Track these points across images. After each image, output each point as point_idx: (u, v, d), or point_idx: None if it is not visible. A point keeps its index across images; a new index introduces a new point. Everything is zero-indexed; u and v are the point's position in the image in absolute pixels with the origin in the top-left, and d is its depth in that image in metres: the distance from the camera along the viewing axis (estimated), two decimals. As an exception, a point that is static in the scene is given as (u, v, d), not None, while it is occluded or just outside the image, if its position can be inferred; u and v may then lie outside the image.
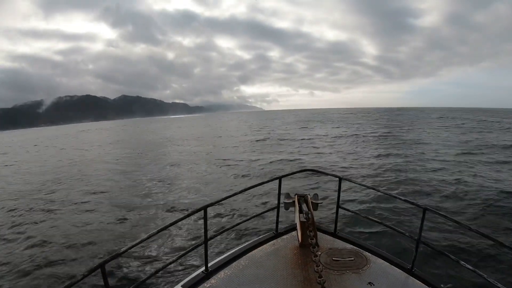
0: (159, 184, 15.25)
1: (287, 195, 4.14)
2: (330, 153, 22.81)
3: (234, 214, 9.70)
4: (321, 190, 11.70)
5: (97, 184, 16.26)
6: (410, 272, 3.28)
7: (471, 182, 12.65)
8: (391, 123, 55.74)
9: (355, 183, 4.38)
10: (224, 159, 21.70)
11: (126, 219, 10.33)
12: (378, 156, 20.17)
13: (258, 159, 20.95)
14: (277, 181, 4.07)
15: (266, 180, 4.02)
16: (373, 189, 4.04)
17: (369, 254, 3.56)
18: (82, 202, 12.84)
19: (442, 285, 3.02)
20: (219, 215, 9.55)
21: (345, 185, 10.18)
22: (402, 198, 3.82)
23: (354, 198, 10.82)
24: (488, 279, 2.80)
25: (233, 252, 3.65)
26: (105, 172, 19.78)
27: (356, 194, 11.08)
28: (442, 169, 15.30)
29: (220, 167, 18.95)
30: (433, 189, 11.89)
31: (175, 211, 10.67)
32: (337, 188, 4.06)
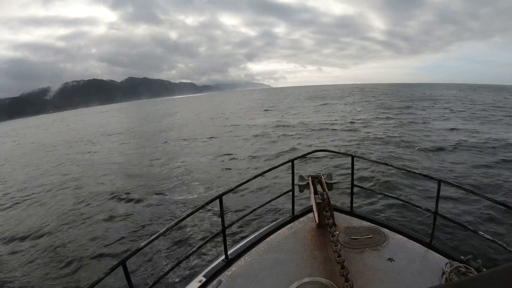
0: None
1: (301, 178, 4.13)
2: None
3: (249, 200, 9.62)
4: (334, 170, 11.54)
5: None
6: (429, 245, 3.23)
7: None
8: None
9: (368, 160, 4.38)
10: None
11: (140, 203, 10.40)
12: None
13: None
14: (289, 164, 4.01)
15: (278, 164, 3.95)
16: (387, 164, 4.01)
17: (387, 230, 3.53)
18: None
19: (462, 257, 2.97)
20: (234, 202, 9.44)
21: (358, 163, 10.25)
22: (416, 171, 3.77)
23: (368, 175, 10.71)
24: (508, 248, 2.75)
25: (251, 239, 3.64)
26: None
27: (369, 172, 10.98)
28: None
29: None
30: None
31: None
32: (350, 166, 4.01)
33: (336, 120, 27.10)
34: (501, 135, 16.81)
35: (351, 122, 24.77)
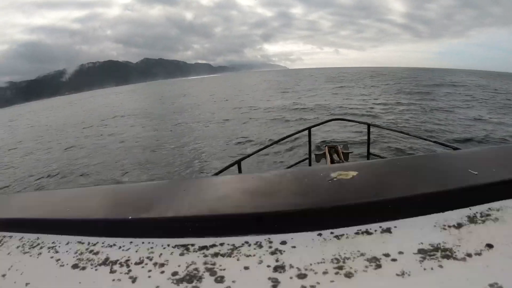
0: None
1: (317, 147, 4.19)
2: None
3: (266, 168, 9.42)
4: (350, 139, 11.85)
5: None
6: None
7: None
8: None
9: (383, 128, 4.70)
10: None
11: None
12: None
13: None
14: (306, 132, 3.94)
15: (295, 131, 3.98)
16: (402, 132, 4.32)
17: None
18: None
19: None
20: (252, 169, 8.98)
21: (374, 130, 10.09)
22: (432, 140, 3.72)
23: (384, 143, 11.09)
24: None
25: None
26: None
27: (385, 139, 11.51)
28: None
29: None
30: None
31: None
32: (367, 135, 3.96)
33: (356, 105, 25.65)
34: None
35: (371, 108, 23.37)
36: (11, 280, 0.55)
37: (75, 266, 0.55)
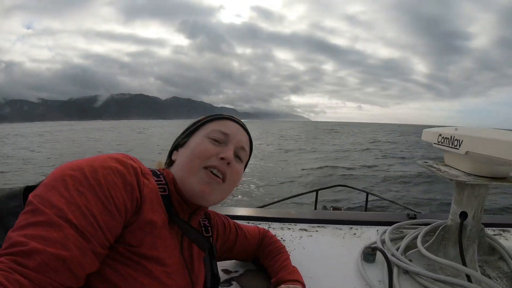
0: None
1: (324, 207, 4.52)
2: None
3: None
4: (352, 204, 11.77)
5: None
6: None
7: None
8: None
9: (380, 197, 4.72)
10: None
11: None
12: None
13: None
14: (313, 193, 4.15)
15: (304, 191, 4.16)
16: (394, 203, 4.26)
17: None
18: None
19: None
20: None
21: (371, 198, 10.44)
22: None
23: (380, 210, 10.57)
24: None
25: None
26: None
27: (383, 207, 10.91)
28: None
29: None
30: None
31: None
32: (365, 200, 4.26)
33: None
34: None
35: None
36: None
37: None
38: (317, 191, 4.20)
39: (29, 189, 0.68)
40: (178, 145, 0.90)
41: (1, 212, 0.66)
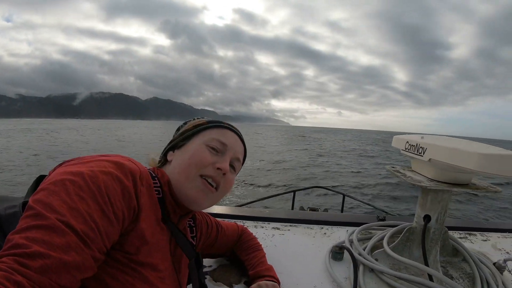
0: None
1: (301, 208, 4.68)
2: None
3: None
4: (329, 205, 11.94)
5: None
6: None
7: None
8: None
9: (355, 199, 4.71)
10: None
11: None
12: None
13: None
14: (290, 194, 4.29)
15: (281, 192, 4.28)
16: (369, 205, 4.35)
17: None
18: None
19: None
20: None
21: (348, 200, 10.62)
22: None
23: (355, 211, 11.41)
24: None
25: None
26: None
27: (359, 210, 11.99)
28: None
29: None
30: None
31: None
32: (341, 203, 4.28)
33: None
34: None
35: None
36: None
37: None
38: (294, 191, 4.31)
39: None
40: (174, 146, 0.90)
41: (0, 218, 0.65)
